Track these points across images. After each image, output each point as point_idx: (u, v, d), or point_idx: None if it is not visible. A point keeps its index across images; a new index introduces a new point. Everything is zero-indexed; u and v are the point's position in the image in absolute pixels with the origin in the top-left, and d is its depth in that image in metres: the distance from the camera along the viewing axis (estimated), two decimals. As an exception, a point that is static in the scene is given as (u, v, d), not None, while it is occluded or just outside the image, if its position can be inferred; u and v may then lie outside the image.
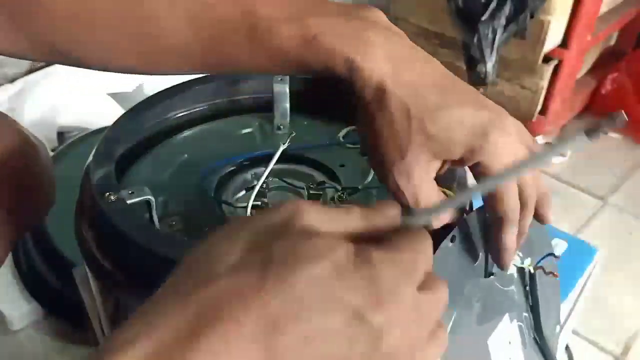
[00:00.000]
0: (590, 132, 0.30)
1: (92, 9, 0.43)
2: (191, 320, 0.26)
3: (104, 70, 0.48)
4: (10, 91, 1.22)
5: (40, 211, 0.61)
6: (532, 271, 0.51)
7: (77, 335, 0.92)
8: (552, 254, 0.53)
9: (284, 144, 0.58)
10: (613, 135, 1.50)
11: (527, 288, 0.52)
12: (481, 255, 0.48)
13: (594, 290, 0.85)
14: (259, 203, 0.58)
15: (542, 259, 0.52)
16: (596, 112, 1.56)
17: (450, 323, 0.44)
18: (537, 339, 0.54)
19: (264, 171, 0.61)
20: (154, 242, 0.48)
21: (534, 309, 0.53)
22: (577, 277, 0.77)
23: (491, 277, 0.49)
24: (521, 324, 0.53)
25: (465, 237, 0.46)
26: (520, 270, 0.52)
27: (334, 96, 0.71)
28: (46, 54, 0.46)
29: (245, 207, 0.58)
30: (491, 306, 0.49)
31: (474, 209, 0.48)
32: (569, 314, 0.78)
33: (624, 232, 1.22)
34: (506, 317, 0.51)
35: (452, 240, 0.45)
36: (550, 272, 0.52)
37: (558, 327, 0.59)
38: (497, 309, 0.50)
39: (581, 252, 0.81)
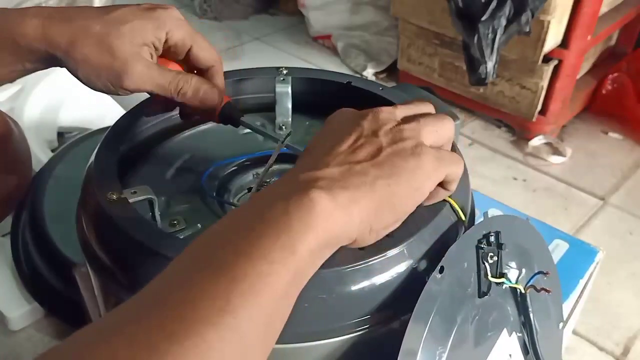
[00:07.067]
0: None
1: None
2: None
3: None
4: (11, 91, 1.21)
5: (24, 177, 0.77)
6: (522, 291, 0.51)
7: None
8: (541, 272, 0.52)
9: (282, 143, 0.58)
10: (613, 135, 1.50)
11: (520, 304, 0.52)
12: (473, 278, 0.47)
13: (594, 290, 0.85)
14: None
15: (532, 277, 0.51)
16: (596, 112, 1.56)
17: (446, 353, 0.43)
18: (534, 353, 0.53)
19: (265, 171, 0.61)
20: (156, 242, 0.48)
21: (528, 326, 0.52)
22: (578, 278, 0.77)
23: (485, 296, 0.48)
24: (520, 334, 0.52)
25: (453, 266, 0.45)
26: (513, 289, 0.51)
27: (336, 96, 0.72)
28: None
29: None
30: (488, 325, 0.48)
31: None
32: (570, 314, 0.78)
33: (624, 232, 1.22)
34: (504, 332, 0.50)
35: (440, 272, 0.44)
36: (542, 289, 0.50)
37: (561, 325, 0.59)
38: (494, 326, 0.49)
39: (582, 253, 0.81)
